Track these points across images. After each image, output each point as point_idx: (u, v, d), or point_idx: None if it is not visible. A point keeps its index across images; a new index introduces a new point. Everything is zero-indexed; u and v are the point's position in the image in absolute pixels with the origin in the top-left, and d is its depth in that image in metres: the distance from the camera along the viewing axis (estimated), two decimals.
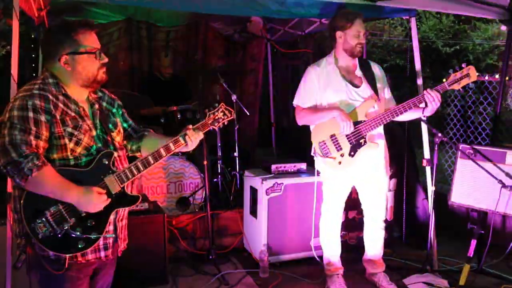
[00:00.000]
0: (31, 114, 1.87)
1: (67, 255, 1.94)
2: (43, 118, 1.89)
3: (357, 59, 3.40)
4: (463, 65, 3.22)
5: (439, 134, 3.56)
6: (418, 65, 3.99)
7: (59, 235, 1.90)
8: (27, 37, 5.86)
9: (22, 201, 1.89)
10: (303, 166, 4.16)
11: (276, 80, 6.76)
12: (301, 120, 3.43)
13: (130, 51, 5.49)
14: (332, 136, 3.29)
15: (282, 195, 3.91)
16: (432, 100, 3.14)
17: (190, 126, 2.19)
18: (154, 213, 3.61)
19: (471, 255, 3.51)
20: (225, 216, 4.40)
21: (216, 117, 2.28)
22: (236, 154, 4.88)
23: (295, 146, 6.07)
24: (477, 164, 3.48)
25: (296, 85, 3.51)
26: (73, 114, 1.99)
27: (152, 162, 2.09)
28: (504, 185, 3.34)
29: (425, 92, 3.17)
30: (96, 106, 2.13)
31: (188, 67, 5.80)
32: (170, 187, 4.38)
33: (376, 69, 3.46)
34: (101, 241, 2.04)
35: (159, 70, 5.22)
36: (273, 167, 4.06)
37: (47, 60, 2.03)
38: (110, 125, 2.16)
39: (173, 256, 3.94)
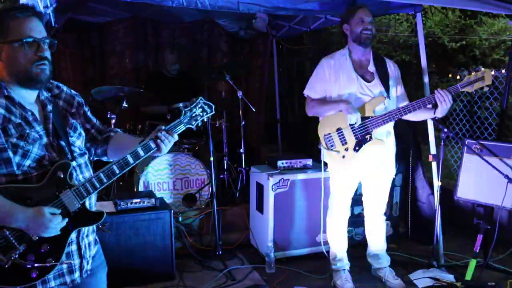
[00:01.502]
0: None
1: None
2: None
3: (371, 54, 3.39)
4: (479, 67, 3.16)
5: (445, 130, 3.56)
6: (424, 61, 3.98)
7: (6, 266, 1.60)
8: None
9: None
10: (309, 162, 4.17)
11: (281, 76, 6.76)
12: (310, 111, 3.44)
13: (136, 49, 5.51)
14: (338, 129, 3.30)
15: (288, 191, 3.93)
16: (442, 100, 3.09)
17: (162, 127, 1.87)
18: (161, 210, 3.63)
19: (477, 250, 3.52)
20: (232, 212, 4.43)
21: (194, 115, 1.94)
22: (242, 150, 4.89)
23: (301, 142, 6.08)
24: (483, 159, 3.47)
25: (302, 81, 3.52)
26: (18, 120, 1.66)
27: (117, 171, 1.78)
28: (510, 180, 3.34)
29: (435, 91, 3.12)
30: (49, 107, 1.79)
31: (193, 64, 5.82)
32: (176, 184, 4.41)
33: (391, 66, 3.45)
34: (64, 265, 1.76)
35: (165, 67, 5.25)
36: (279, 163, 4.07)
37: None
38: (68, 128, 1.83)
39: (180, 252, 3.96)
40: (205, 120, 2.00)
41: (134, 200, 3.58)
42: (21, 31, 1.65)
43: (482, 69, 3.14)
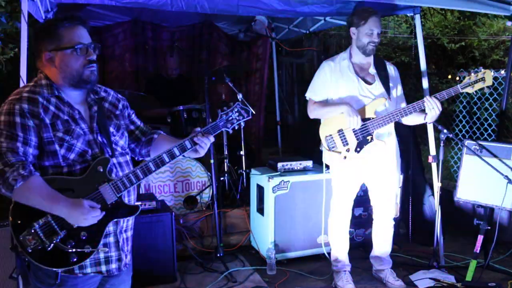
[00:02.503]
0: (18, 119, 1.75)
1: (59, 270, 1.81)
2: (31, 123, 1.77)
3: (372, 57, 3.41)
4: (480, 68, 3.18)
5: (445, 131, 3.57)
6: (423, 62, 3.99)
7: (49, 249, 1.77)
8: (33, 39, 5.92)
9: (10, 212, 1.79)
10: (309, 163, 4.18)
11: (281, 78, 6.77)
12: (311, 113, 3.45)
13: (135, 52, 5.53)
14: (339, 130, 3.32)
15: (289, 192, 3.94)
16: (431, 108, 3.14)
17: (198, 129, 2.00)
18: (162, 212, 3.64)
19: (478, 251, 3.52)
20: (232, 214, 4.44)
21: (229, 118, 2.06)
22: (242, 152, 4.90)
23: (301, 144, 6.10)
24: (483, 160, 3.48)
25: (301, 83, 3.54)
26: (65, 117, 1.85)
27: (153, 169, 1.93)
28: (510, 181, 3.35)
29: (425, 99, 3.16)
30: (95, 108, 1.97)
31: (193, 67, 5.83)
32: (177, 186, 4.42)
33: (391, 69, 3.48)
34: (102, 254, 1.91)
35: (164, 70, 5.26)
36: (279, 165, 4.09)
37: (36, 60, 1.91)
38: (111, 128, 1.99)
39: (181, 254, 3.97)
40: (242, 124, 2.10)
41: (136, 203, 3.58)
42: (72, 39, 1.85)
43: (483, 70, 3.15)
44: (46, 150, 1.81)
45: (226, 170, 4.83)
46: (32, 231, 1.76)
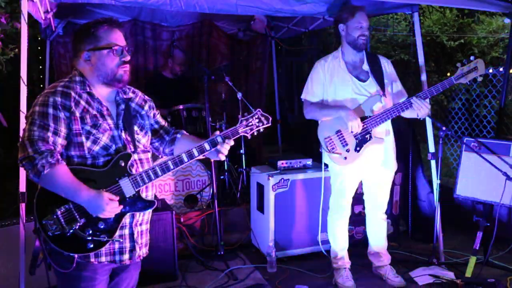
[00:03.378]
0: (50, 111, 1.89)
1: (76, 255, 1.92)
2: (62, 115, 1.90)
3: (364, 53, 3.42)
4: (471, 58, 3.18)
5: (444, 128, 3.58)
6: (421, 60, 4.00)
7: (68, 234, 1.89)
8: (33, 39, 5.92)
9: (35, 197, 1.91)
10: (309, 161, 4.20)
11: (280, 77, 6.79)
12: (308, 115, 3.46)
13: (135, 52, 5.53)
14: (338, 132, 3.33)
15: (289, 190, 3.96)
16: (419, 108, 3.17)
17: (218, 133, 2.12)
18: (163, 211, 3.66)
19: (477, 248, 3.54)
20: (233, 212, 4.46)
21: (249, 123, 2.18)
22: (242, 151, 4.92)
23: (301, 142, 6.12)
24: (482, 157, 3.50)
25: (301, 82, 3.55)
26: (94, 112, 1.98)
27: (172, 167, 2.04)
28: (508, 177, 3.37)
29: (412, 100, 3.18)
30: (122, 106, 2.09)
31: (193, 66, 5.84)
32: (177, 185, 4.44)
33: (385, 64, 3.47)
34: (116, 245, 2.01)
35: (164, 70, 5.28)
36: (279, 163, 4.10)
37: (74, 58, 2.05)
38: (135, 127, 2.12)
39: (182, 253, 3.99)
40: (261, 130, 2.18)
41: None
42: (109, 40, 2.00)
43: (475, 59, 3.13)
44: (73, 141, 1.93)
45: (226, 168, 4.84)
46: (54, 216, 1.88)
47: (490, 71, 4.85)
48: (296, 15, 5.17)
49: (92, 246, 1.93)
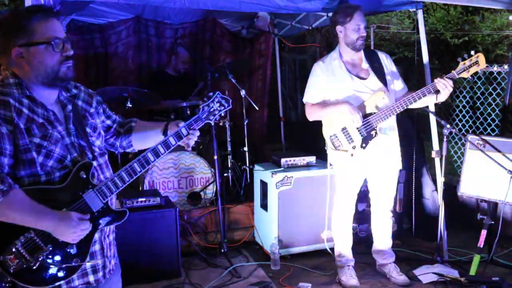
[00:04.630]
0: None
1: None
2: (4, 129, 1.57)
3: (362, 51, 3.41)
4: (472, 53, 3.21)
5: (448, 126, 3.57)
6: (426, 58, 3.99)
7: (34, 267, 1.62)
8: None
9: None
10: (313, 159, 4.19)
11: (284, 75, 6.77)
12: (311, 116, 3.46)
13: (138, 49, 5.53)
14: (343, 129, 3.32)
15: (292, 188, 3.95)
16: (444, 87, 3.15)
17: (181, 123, 1.93)
18: (166, 208, 3.67)
19: (481, 246, 3.53)
20: (236, 210, 4.46)
21: (212, 110, 1.99)
22: (245, 148, 4.92)
23: (304, 140, 6.09)
24: (486, 154, 3.48)
25: (304, 79, 3.54)
26: (40, 120, 1.66)
27: (138, 169, 1.81)
28: None
29: (435, 80, 3.18)
30: (69, 107, 1.79)
31: (196, 63, 5.84)
32: (181, 182, 4.44)
33: (384, 59, 3.46)
34: (88, 264, 1.76)
35: (167, 67, 5.28)
36: (283, 160, 4.10)
37: (2, 56, 1.68)
38: (88, 129, 1.83)
39: (186, 250, 3.99)
40: (222, 114, 2.03)
41: (140, 199, 3.62)
42: (46, 33, 1.65)
43: (475, 54, 3.16)
44: (22, 158, 1.62)
45: (229, 166, 4.84)
46: (14, 250, 1.59)
47: (495, 68, 4.83)
48: (300, 12, 5.16)
49: (63, 274, 1.67)
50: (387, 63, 3.45)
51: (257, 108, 4.75)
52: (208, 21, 5.73)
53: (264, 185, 4.12)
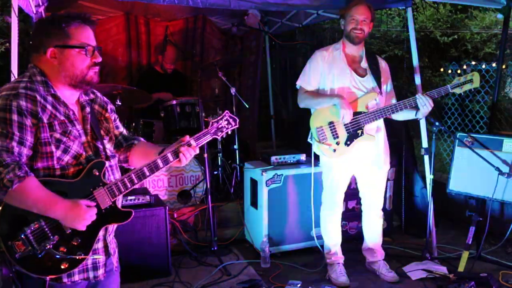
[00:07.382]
0: (15, 117, 1.66)
1: (48, 277, 1.72)
2: (28, 122, 1.68)
3: (364, 51, 3.43)
4: (467, 70, 3.29)
5: (437, 123, 3.59)
6: (415, 58, 3.99)
7: (40, 255, 1.68)
8: (25, 33, 5.88)
9: None
10: (303, 157, 4.19)
11: (274, 72, 6.77)
12: (302, 102, 3.46)
13: (128, 47, 5.50)
14: (330, 123, 3.33)
15: (282, 186, 3.95)
16: (423, 105, 3.19)
17: (187, 138, 2.00)
18: (156, 206, 3.64)
19: (470, 242, 3.56)
20: (226, 208, 4.46)
21: (220, 126, 2.10)
22: (236, 146, 4.91)
23: (295, 138, 6.10)
24: (475, 152, 3.51)
25: (295, 77, 3.53)
26: (62, 118, 1.78)
27: (147, 173, 1.90)
28: (501, 172, 3.39)
29: (417, 96, 3.22)
30: (87, 109, 1.92)
31: (186, 61, 5.82)
32: (171, 181, 4.42)
33: (382, 64, 3.50)
34: (89, 260, 1.84)
35: (157, 65, 5.25)
36: (273, 158, 4.09)
37: (34, 53, 1.81)
38: (102, 131, 1.96)
39: (175, 248, 3.97)
40: (229, 132, 2.15)
41: (129, 197, 3.59)
42: (81, 39, 1.80)
43: (471, 72, 3.25)
44: (41, 151, 1.72)
45: (219, 164, 4.83)
46: (23, 236, 1.67)
47: (483, 66, 4.87)
48: (289, 10, 5.16)
49: (66, 266, 1.74)
50: (385, 69, 3.48)
51: (247, 106, 4.74)
52: (198, 18, 5.72)
53: (254, 183, 4.11)
